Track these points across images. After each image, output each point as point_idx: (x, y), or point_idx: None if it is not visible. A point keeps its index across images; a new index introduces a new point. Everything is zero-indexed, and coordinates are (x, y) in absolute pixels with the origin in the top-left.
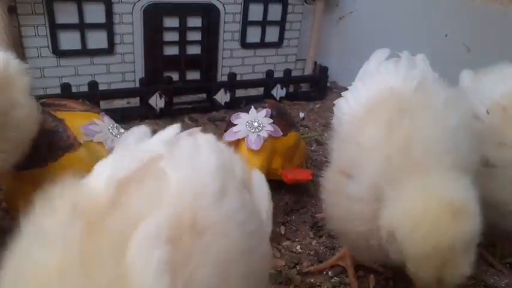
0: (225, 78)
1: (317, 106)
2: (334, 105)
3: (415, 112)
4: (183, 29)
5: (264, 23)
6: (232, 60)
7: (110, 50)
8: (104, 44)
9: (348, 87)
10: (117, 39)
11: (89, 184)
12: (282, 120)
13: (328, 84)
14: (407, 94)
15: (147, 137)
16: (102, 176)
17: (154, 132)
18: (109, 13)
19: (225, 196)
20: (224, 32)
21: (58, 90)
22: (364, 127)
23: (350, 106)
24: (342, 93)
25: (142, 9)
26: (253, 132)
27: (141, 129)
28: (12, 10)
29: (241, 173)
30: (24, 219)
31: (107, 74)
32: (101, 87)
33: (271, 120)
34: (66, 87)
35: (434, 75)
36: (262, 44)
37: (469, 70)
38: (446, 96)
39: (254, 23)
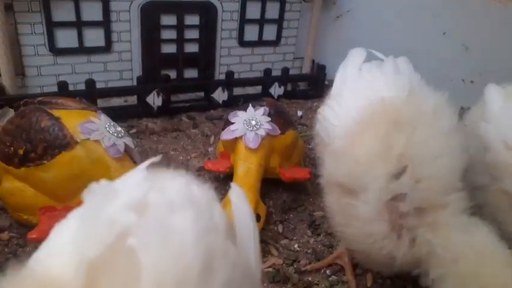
0: (222, 77)
1: (315, 104)
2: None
3: (410, 124)
4: (180, 27)
5: (261, 21)
6: (230, 58)
7: (107, 48)
8: (101, 42)
9: None
10: (114, 37)
11: (51, 270)
12: (280, 118)
13: (326, 82)
14: (399, 105)
15: (112, 193)
16: (67, 258)
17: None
18: (106, 11)
19: (212, 270)
20: (222, 30)
21: (55, 89)
22: (360, 143)
23: (339, 117)
24: (325, 101)
25: (139, 7)
26: (251, 130)
27: (103, 185)
28: (8, 8)
29: (221, 219)
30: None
31: (104, 72)
32: (98, 85)
33: (269, 119)
34: (63, 86)
35: (417, 79)
36: (260, 42)
37: (497, 86)
38: (434, 102)
39: (252, 21)
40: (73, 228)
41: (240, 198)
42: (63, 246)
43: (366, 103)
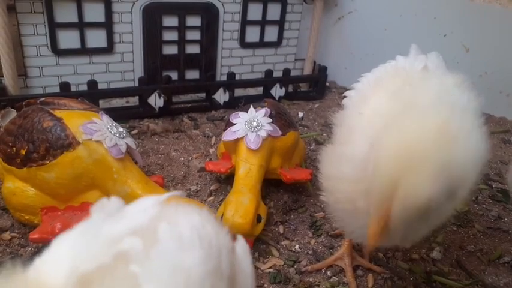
0: (224, 78)
1: (316, 106)
2: (341, 97)
3: (420, 83)
4: (182, 28)
5: (263, 23)
6: (231, 59)
7: (109, 49)
8: (103, 43)
9: (347, 87)
10: (116, 38)
11: (42, 276)
12: (281, 119)
13: (327, 84)
14: (414, 71)
15: (119, 212)
16: (60, 267)
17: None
18: (108, 12)
19: None
20: (223, 31)
21: (57, 89)
22: (369, 99)
23: (357, 90)
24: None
25: (141, 8)
26: (252, 131)
27: (114, 202)
28: (11, 8)
29: (228, 267)
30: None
31: (106, 73)
32: (100, 86)
33: (270, 120)
34: (65, 86)
35: (443, 67)
36: (261, 44)
37: None
38: (456, 81)
39: (253, 23)
40: (73, 240)
41: (245, 252)
42: (59, 256)
43: (382, 72)
